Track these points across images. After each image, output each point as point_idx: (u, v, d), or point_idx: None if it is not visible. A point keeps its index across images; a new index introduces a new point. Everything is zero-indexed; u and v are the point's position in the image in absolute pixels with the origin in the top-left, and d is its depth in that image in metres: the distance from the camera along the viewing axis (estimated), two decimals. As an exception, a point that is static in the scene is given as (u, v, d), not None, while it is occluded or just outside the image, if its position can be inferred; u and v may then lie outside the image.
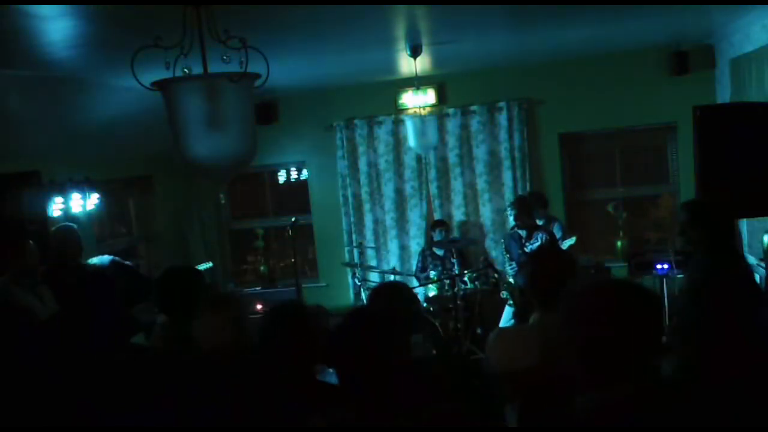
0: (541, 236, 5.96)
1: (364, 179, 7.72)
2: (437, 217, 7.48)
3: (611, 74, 7.09)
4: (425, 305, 6.55)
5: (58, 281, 4.28)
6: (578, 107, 7.22)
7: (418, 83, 6.27)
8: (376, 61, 6.08)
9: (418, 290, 6.71)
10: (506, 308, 6.10)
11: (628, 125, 7.30)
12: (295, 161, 8.18)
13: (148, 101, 3.56)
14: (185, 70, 2.45)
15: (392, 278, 7.03)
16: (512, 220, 6.18)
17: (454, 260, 6.94)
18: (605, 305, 1.60)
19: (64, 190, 5.33)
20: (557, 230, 6.52)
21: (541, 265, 2.97)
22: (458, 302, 6.23)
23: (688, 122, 3.62)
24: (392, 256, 7.77)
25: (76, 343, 2.58)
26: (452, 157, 7.52)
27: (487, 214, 7.51)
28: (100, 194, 5.75)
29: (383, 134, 7.62)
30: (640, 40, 6.34)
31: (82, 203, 5.49)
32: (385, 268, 7.55)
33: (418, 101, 6.84)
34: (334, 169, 7.79)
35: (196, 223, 7.89)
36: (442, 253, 7.03)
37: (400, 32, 4.94)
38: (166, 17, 2.48)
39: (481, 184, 7.50)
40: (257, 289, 7.88)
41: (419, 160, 7.55)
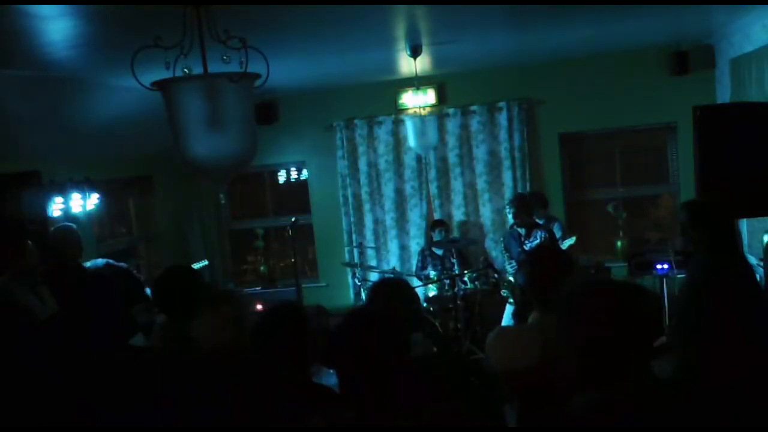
0: (540, 234, 5.95)
1: (364, 179, 7.72)
2: (437, 217, 7.48)
3: (611, 74, 7.09)
4: (425, 305, 6.55)
5: (58, 281, 4.28)
6: (578, 107, 7.22)
7: (418, 83, 6.27)
8: (376, 61, 6.08)
9: (418, 290, 6.72)
10: (507, 307, 6.10)
11: (628, 125, 7.30)
12: (295, 161, 8.18)
13: (148, 101, 3.56)
14: (185, 70, 2.46)
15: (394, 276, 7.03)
16: (511, 218, 6.18)
17: (454, 260, 6.94)
18: (603, 305, 1.60)
19: (64, 190, 5.34)
20: (557, 230, 6.53)
21: (540, 264, 2.97)
22: (458, 302, 6.23)
23: (688, 122, 3.62)
24: (392, 256, 7.77)
25: (76, 343, 2.58)
26: (452, 157, 7.52)
27: (487, 214, 7.51)
28: (100, 194, 5.75)
29: (383, 134, 7.62)
30: (640, 40, 6.34)
31: (82, 203, 5.49)
32: (385, 268, 7.55)
33: (418, 101, 6.84)
34: (334, 169, 7.79)
35: (196, 223, 7.89)
36: (442, 253, 7.03)
37: (400, 32, 4.95)
38: (166, 17, 2.48)
39: (481, 184, 7.50)
40: (257, 289, 7.88)
41: (419, 160, 7.55)
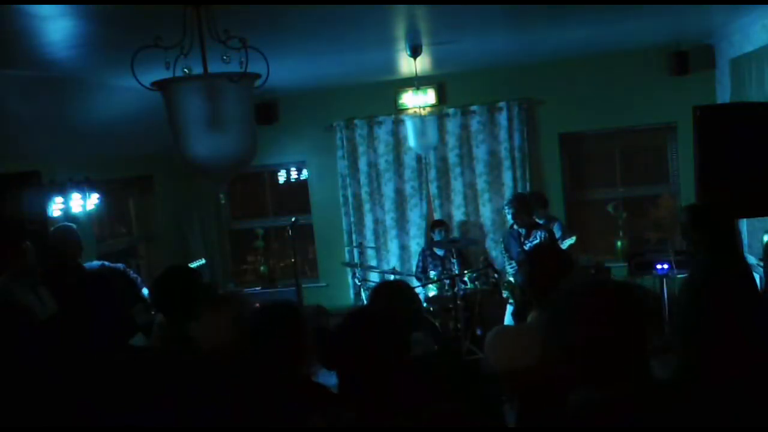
0: (540, 234, 5.96)
1: (364, 179, 7.72)
2: (437, 217, 7.47)
3: (611, 74, 7.09)
4: (425, 305, 6.55)
5: (57, 281, 4.28)
6: (578, 107, 7.22)
7: (418, 83, 6.27)
8: (376, 61, 6.08)
9: (418, 290, 6.72)
10: (508, 307, 6.11)
11: (628, 125, 7.30)
12: (295, 161, 8.18)
13: (148, 101, 3.56)
14: (185, 70, 2.46)
15: (392, 278, 7.03)
16: (510, 218, 6.18)
17: (454, 260, 6.94)
18: (603, 305, 1.60)
19: (64, 190, 5.34)
20: (557, 230, 6.53)
21: (540, 263, 2.98)
22: (458, 302, 6.23)
23: (688, 122, 3.62)
24: (392, 256, 7.77)
25: (76, 343, 2.58)
26: (452, 157, 7.52)
27: (487, 214, 7.51)
28: (100, 194, 5.75)
29: (383, 134, 7.62)
30: (640, 40, 6.34)
31: (82, 203, 5.49)
32: (385, 268, 7.55)
33: (418, 101, 6.84)
34: (334, 169, 7.79)
35: (196, 223, 7.89)
36: (442, 253, 7.03)
37: (400, 32, 4.94)
38: (166, 17, 2.48)
39: (481, 184, 7.50)
40: (257, 289, 7.88)
41: (419, 160, 7.55)
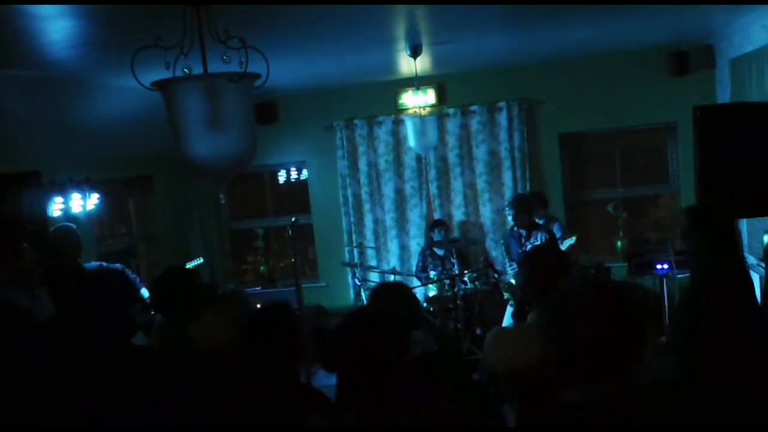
0: (541, 236, 5.95)
1: (364, 179, 7.72)
2: (437, 217, 7.47)
3: (611, 74, 7.09)
4: (425, 305, 6.55)
5: (57, 281, 4.29)
6: (578, 107, 7.22)
7: (418, 83, 6.27)
8: (376, 61, 6.08)
9: (418, 290, 6.72)
10: (508, 308, 6.10)
11: (628, 125, 7.30)
12: (295, 161, 8.18)
13: (148, 101, 3.56)
14: (185, 70, 2.46)
15: (392, 278, 7.04)
16: (511, 219, 6.18)
17: (454, 260, 6.94)
18: (601, 305, 1.60)
19: (64, 190, 5.33)
20: (557, 230, 6.52)
21: (539, 264, 2.97)
22: (458, 302, 6.23)
23: (688, 122, 3.61)
24: (392, 256, 7.77)
25: (76, 343, 2.58)
26: (452, 157, 7.52)
27: (487, 214, 7.51)
28: (100, 194, 5.75)
29: (383, 134, 7.62)
30: (640, 40, 6.34)
31: (82, 203, 5.49)
32: (385, 268, 7.55)
33: (418, 101, 6.84)
34: (334, 169, 7.79)
35: (196, 223, 7.89)
36: (442, 253, 7.03)
37: (400, 32, 4.94)
38: (166, 17, 2.48)
39: (481, 184, 7.50)
40: (257, 289, 7.88)
41: (419, 160, 7.55)
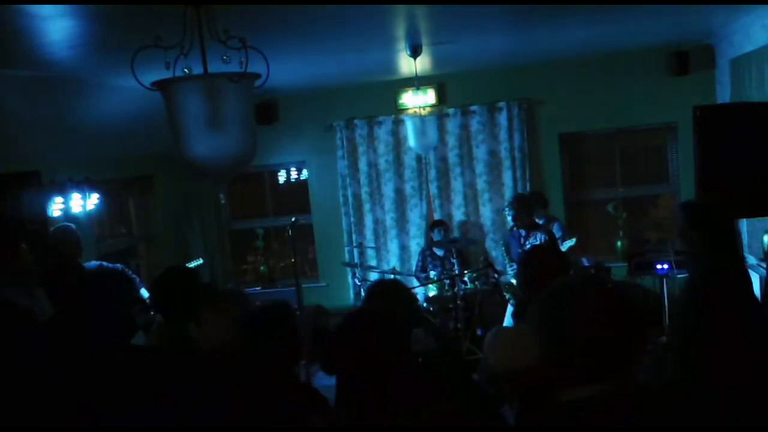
0: (540, 236, 5.95)
1: (364, 179, 7.72)
2: (437, 217, 7.47)
3: (611, 74, 7.09)
4: (425, 305, 6.55)
5: (57, 281, 4.28)
6: (578, 107, 7.22)
7: (418, 83, 6.27)
8: (376, 61, 6.08)
9: (418, 290, 6.72)
10: (509, 307, 6.10)
11: (628, 125, 7.30)
12: (295, 161, 8.18)
13: (148, 101, 3.56)
14: (185, 70, 2.46)
15: (391, 278, 7.03)
16: (510, 220, 6.18)
17: (454, 260, 6.94)
18: (600, 305, 1.60)
19: (64, 190, 5.33)
20: (557, 230, 6.52)
21: (538, 264, 2.97)
22: (458, 302, 6.23)
23: (688, 122, 3.61)
24: (392, 256, 7.77)
25: (75, 343, 2.58)
26: (452, 157, 7.52)
27: (487, 214, 7.51)
28: (100, 194, 5.75)
29: (383, 134, 7.62)
30: (640, 40, 6.34)
31: (82, 203, 5.49)
32: (385, 268, 7.55)
33: (418, 101, 6.84)
34: (334, 169, 7.79)
35: (196, 223, 7.89)
36: (442, 253, 7.03)
37: (400, 32, 4.94)
38: (166, 17, 2.48)
39: (481, 184, 7.50)
40: (257, 289, 7.88)
41: (419, 160, 7.55)
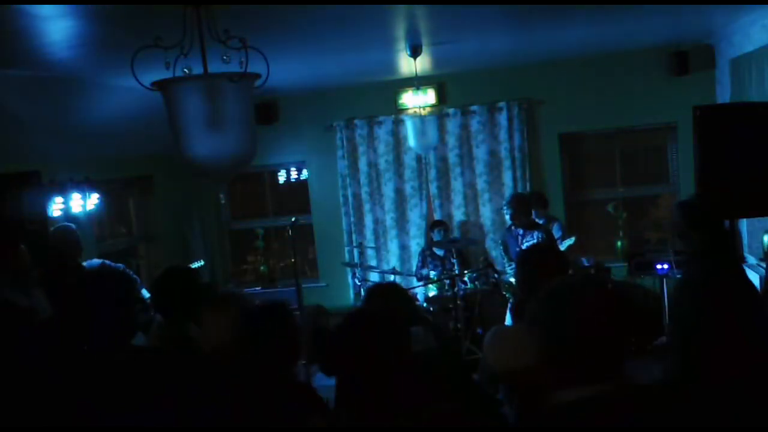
0: (537, 235, 5.97)
1: (364, 179, 7.72)
2: (437, 217, 7.47)
3: (611, 74, 7.09)
4: (425, 305, 6.55)
5: (57, 281, 4.29)
6: (578, 107, 7.22)
7: (418, 83, 6.27)
8: (376, 61, 6.08)
9: (418, 290, 6.72)
10: (509, 307, 6.10)
11: (628, 125, 7.30)
12: (295, 161, 8.18)
13: (148, 101, 3.56)
14: (185, 70, 2.46)
15: (392, 278, 7.04)
16: (509, 219, 6.18)
17: (454, 260, 6.94)
18: (600, 305, 1.60)
19: (64, 190, 5.33)
20: (557, 230, 6.53)
21: (535, 263, 2.97)
22: (458, 302, 6.23)
23: (688, 122, 3.61)
24: (392, 256, 7.77)
25: (75, 343, 2.58)
26: (452, 157, 7.52)
27: (487, 214, 7.51)
28: (100, 194, 5.75)
29: (383, 134, 7.62)
30: (640, 40, 6.34)
31: (82, 203, 5.49)
32: (385, 268, 7.55)
33: (418, 101, 6.84)
34: (334, 169, 7.79)
35: (196, 223, 7.89)
36: (442, 253, 7.03)
37: (400, 32, 4.94)
38: (166, 17, 2.48)
39: (481, 184, 7.50)
40: (257, 289, 7.88)
41: (419, 160, 7.55)
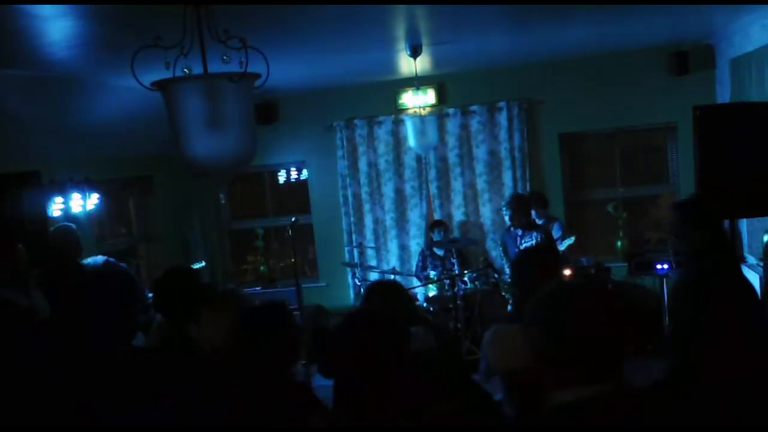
0: (536, 235, 5.97)
1: (364, 179, 7.72)
2: (437, 217, 7.47)
3: (611, 74, 7.09)
4: (425, 305, 6.55)
5: (57, 281, 4.28)
6: (578, 107, 7.22)
7: (418, 83, 6.27)
8: (376, 61, 6.08)
9: (418, 290, 6.72)
10: (510, 308, 6.11)
11: (628, 125, 7.30)
12: (295, 161, 8.18)
13: (148, 101, 3.56)
14: (185, 70, 2.45)
15: (392, 278, 7.03)
16: (508, 220, 6.19)
17: (454, 260, 6.94)
18: (600, 305, 1.60)
19: (64, 190, 5.33)
20: (557, 230, 6.52)
21: (533, 265, 2.98)
22: (458, 302, 6.24)
23: (688, 122, 3.62)
24: (392, 256, 7.77)
25: (76, 343, 2.58)
26: (452, 157, 7.52)
27: (487, 214, 7.51)
28: (100, 194, 5.75)
29: (383, 134, 7.62)
30: (640, 40, 6.34)
31: (82, 203, 5.49)
32: (385, 268, 7.55)
33: (418, 101, 6.84)
34: (334, 169, 7.79)
35: (196, 223, 7.89)
36: (442, 253, 7.03)
37: (400, 32, 4.94)
38: (166, 17, 2.48)
39: (481, 184, 7.50)
40: (257, 289, 7.88)
41: (419, 160, 7.55)
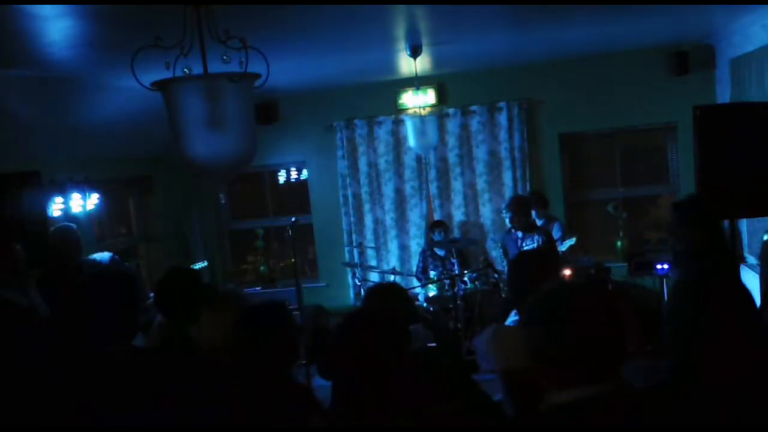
0: (537, 238, 5.97)
1: (364, 179, 7.72)
2: (437, 217, 7.48)
3: (611, 74, 7.09)
4: (425, 305, 6.56)
5: (57, 281, 4.28)
6: (578, 107, 7.22)
7: (418, 83, 6.28)
8: (376, 61, 6.08)
9: (418, 290, 6.72)
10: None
11: (628, 125, 7.30)
12: (295, 161, 8.18)
13: (148, 101, 3.56)
14: (185, 70, 2.45)
15: (392, 278, 7.04)
16: (508, 221, 6.19)
17: (454, 260, 6.94)
18: (600, 305, 1.60)
19: (64, 190, 5.33)
20: (557, 230, 6.52)
21: (530, 269, 2.97)
22: (458, 302, 6.24)
23: (688, 122, 3.62)
24: (392, 256, 7.77)
25: (75, 343, 2.58)
26: (452, 157, 7.52)
27: (487, 214, 7.51)
28: (100, 194, 5.75)
29: (383, 134, 7.62)
30: (640, 40, 6.34)
31: (82, 203, 5.49)
32: (385, 268, 7.55)
33: (418, 101, 6.84)
34: (334, 169, 7.79)
35: (196, 223, 7.89)
36: (442, 253, 7.03)
37: (400, 32, 4.95)
38: (166, 17, 2.48)
39: (481, 184, 7.50)
40: (257, 289, 7.88)
41: (419, 160, 7.55)
